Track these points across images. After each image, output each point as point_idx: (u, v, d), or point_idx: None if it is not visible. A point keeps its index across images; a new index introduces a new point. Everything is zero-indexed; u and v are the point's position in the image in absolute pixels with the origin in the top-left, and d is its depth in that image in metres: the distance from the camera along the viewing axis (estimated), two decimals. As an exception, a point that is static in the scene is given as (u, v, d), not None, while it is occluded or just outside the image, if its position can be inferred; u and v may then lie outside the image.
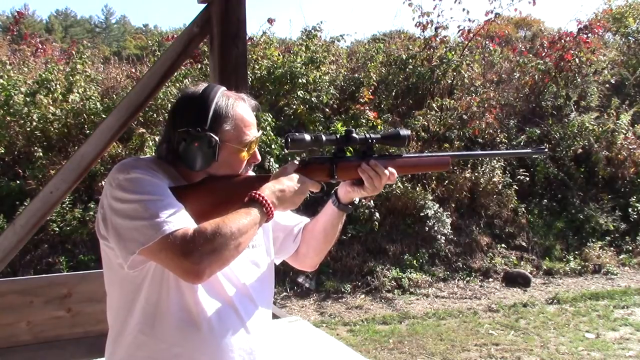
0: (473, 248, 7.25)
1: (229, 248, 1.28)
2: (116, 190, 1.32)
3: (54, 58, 8.17)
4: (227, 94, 1.45)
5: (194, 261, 1.25)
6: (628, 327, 5.34)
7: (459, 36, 9.40)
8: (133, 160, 1.42)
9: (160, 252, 1.27)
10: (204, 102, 1.40)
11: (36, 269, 5.87)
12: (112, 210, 1.32)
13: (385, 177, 1.57)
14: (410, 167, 1.68)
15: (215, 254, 1.27)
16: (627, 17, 11.28)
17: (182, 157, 1.39)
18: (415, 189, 7.16)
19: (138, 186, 1.31)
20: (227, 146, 1.41)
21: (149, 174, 1.34)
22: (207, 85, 1.46)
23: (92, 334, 2.57)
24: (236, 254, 1.32)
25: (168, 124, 1.45)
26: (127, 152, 6.77)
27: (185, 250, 1.25)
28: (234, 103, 1.44)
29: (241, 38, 2.72)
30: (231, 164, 1.44)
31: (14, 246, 2.69)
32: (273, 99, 7.77)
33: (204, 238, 1.26)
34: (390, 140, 1.63)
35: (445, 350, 4.83)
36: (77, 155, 2.76)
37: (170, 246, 1.25)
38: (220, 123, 1.40)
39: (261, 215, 1.35)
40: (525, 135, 8.59)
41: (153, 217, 1.26)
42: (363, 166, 1.57)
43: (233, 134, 1.42)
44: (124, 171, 1.34)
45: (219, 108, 1.40)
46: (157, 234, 1.25)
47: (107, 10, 46.58)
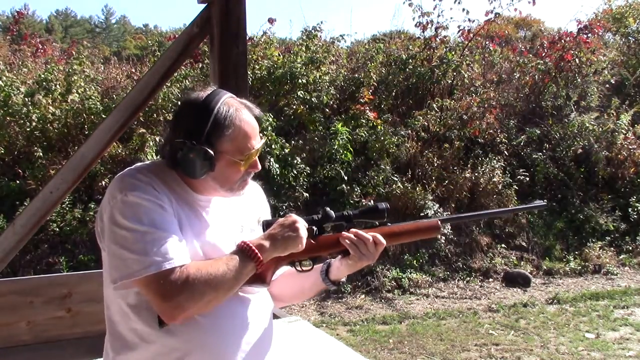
0: (473, 248, 7.25)
1: (206, 296, 1.30)
2: (114, 211, 1.33)
3: (54, 58, 8.17)
4: (230, 102, 1.41)
5: (172, 305, 1.28)
6: (628, 327, 5.34)
7: (459, 36, 9.41)
8: (134, 174, 1.39)
9: (142, 288, 1.31)
10: (204, 110, 1.37)
11: (36, 269, 5.87)
12: (109, 231, 1.34)
13: (369, 241, 1.49)
14: (398, 235, 1.59)
15: (192, 302, 1.28)
16: (627, 17, 11.27)
17: (180, 164, 1.38)
18: (415, 189, 7.16)
19: (133, 213, 1.30)
20: (225, 157, 1.39)
21: (147, 196, 1.33)
22: (212, 91, 1.42)
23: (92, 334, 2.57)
24: (215, 302, 1.33)
25: (170, 128, 1.44)
26: (127, 152, 6.77)
27: (164, 293, 1.27)
28: (236, 113, 1.40)
29: (241, 38, 2.72)
30: (228, 174, 1.42)
31: (14, 246, 2.68)
32: (273, 99, 7.78)
33: (184, 284, 1.28)
34: (369, 215, 1.55)
35: (445, 350, 4.83)
36: (77, 155, 2.75)
37: (152, 285, 1.28)
38: (219, 134, 1.37)
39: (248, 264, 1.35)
40: (525, 136, 8.59)
41: (140, 252, 1.28)
42: (343, 234, 1.51)
43: (232, 145, 1.39)
44: (123, 190, 1.33)
45: (219, 118, 1.37)
46: (140, 271, 1.27)
47: (107, 10, 46.59)
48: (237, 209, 1.54)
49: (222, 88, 1.47)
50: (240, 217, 1.54)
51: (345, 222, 1.53)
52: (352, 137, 7.48)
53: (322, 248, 1.51)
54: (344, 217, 1.53)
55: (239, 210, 1.54)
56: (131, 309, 1.39)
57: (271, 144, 6.83)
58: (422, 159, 7.75)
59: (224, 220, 1.49)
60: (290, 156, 7.00)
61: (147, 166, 1.45)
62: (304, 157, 7.19)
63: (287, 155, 6.97)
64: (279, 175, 6.80)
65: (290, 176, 6.90)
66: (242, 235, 1.51)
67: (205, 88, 1.46)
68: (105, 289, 1.46)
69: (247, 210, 1.58)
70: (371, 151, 7.54)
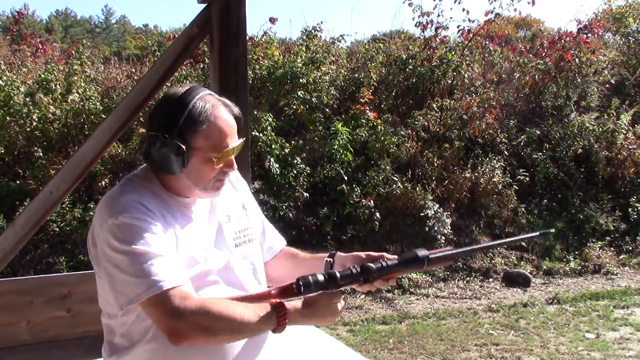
0: (473, 248, 7.24)
1: (219, 335, 1.28)
2: (107, 235, 1.31)
3: (54, 58, 8.17)
4: (207, 98, 1.40)
5: (185, 326, 1.24)
6: (628, 327, 5.34)
7: (459, 36, 9.40)
8: (120, 195, 1.37)
9: (149, 309, 1.29)
10: (179, 105, 1.36)
11: (36, 269, 5.87)
12: (104, 256, 1.32)
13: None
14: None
15: (203, 334, 1.26)
16: (627, 17, 11.27)
17: (155, 160, 1.37)
18: (415, 189, 7.16)
19: (126, 235, 1.29)
20: (198, 154, 1.37)
21: (138, 215, 1.31)
22: (190, 87, 1.41)
23: (92, 334, 2.56)
24: (223, 342, 1.32)
25: (147, 122, 1.46)
26: (127, 152, 6.77)
27: (175, 312, 1.24)
28: (212, 109, 1.38)
29: (241, 38, 2.72)
30: (201, 172, 1.40)
31: (14, 246, 2.68)
32: (273, 99, 7.78)
33: (204, 314, 1.25)
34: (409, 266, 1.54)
35: (445, 350, 4.83)
36: (77, 155, 2.75)
37: (158, 306, 1.26)
38: (193, 129, 1.36)
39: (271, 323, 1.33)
40: (525, 136, 8.59)
41: (139, 274, 1.26)
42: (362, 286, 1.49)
43: (206, 142, 1.37)
44: (113, 214, 1.32)
45: (194, 113, 1.35)
46: (143, 293, 1.26)
47: (107, 10, 46.60)
48: (221, 200, 1.53)
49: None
50: (224, 206, 1.54)
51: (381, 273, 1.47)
52: (352, 137, 7.48)
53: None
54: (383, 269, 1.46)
55: (220, 201, 1.53)
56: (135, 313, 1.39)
57: (271, 144, 6.83)
58: (422, 159, 7.75)
59: (211, 216, 1.49)
60: (290, 156, 7.00)
61: (131, 181, 1.44)
62: (304, 157, 7.19)
63: (287, 155, 6.97)
64: (279, 175, 6.80)
65: (290, 176, 6.90)
66: (230, 225, 1.51)
67: (189, 85, 1.45)
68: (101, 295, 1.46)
69: (228, 197, 1.57)
70: (371, 151, 7.54)
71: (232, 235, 1.51)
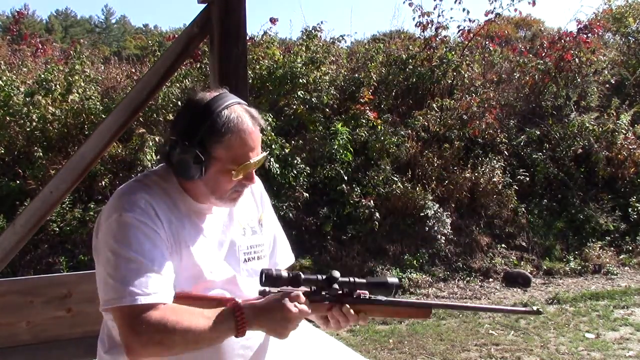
0: (473, 248, 7.25)
1: (175, 348, 1.26)
2: (108, 229, 1.31)
3: (54, 58, 8.17)
4: (234, 108, 1.35)
5: (138, 342, 1.24)
6: (628, 327, 5.34)
7: (459, 36, 9.40)
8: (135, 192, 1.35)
9: (115, 317, 1.29)
10: (204, 112, 1.32)
11: (36, 269, 5.87)
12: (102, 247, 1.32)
13: (354, 320, 1.42)
14: (386, 313, 1.53)
15: (159, 348, 1.25)
16: (627, 17, 11.26)
17: (174, 164, 1.35)
18: (415, 189, 7.16)
19: (123, 236, 1.28)
20: (218, 165, 1.34)
21: (143, 218, 1.29)
22: (218, 94, 1.37)
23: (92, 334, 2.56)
24: (178, 354, 1.29)
25: (169, 125, 1.43)
26: (127, 152, 6.77)
27: (135, 329, 1.23)
28: (237, 120, 1.33)
29: (241, 38, 2.72)
30: (219, 182, 1.36)
31: (14, 246, 2.68)
32: (273, 99, 7.78)
33: (157, 329, 1.23)
34: (375, 288, 1.43)
35: (445, 350, 4.83)
36: (77, 155, 2.75)
37: (125, 318, 1.25)
38: (215, 139, 1.32)
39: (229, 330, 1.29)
40: (525, 136, 8.59)
41: (119, 279, 1.25)
42: (334, 311, 1.41)
43: (227, 153, 1.33)
44: (119, 210, 1.31)
45: (218, 122, 1.31)
46: (115, 301, 1.25)
47: (107, 10, 46.57)
48: (239, 210, 1.50)
49: (222, 88, 1.45)
50: (242, 218, 1.51)
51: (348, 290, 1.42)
52: (352, 137, 7.48)
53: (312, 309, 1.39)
54: (349, 284, 1.40)
55: (240, 212, 1.51)
56: None
57: (271, 144, 6.83)
58: (422, 159, 7.75)
59: (225, 227, 1.46)
60: (290, 156, 7.00)
61: (148, 177, 1.42)
62: (304, 157, 7.19)
63: (287, 155, 6.97)
64: (279, 175, 6.80)
65: (290, 176, 6.90)
66: (244, 239, 1.49)
67: (215, 90, 1.40)
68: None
69: (248, 210, 1.54)
70: (371, 151, 7.54)
71: (244, 249, 1.48)
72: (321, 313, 1.43)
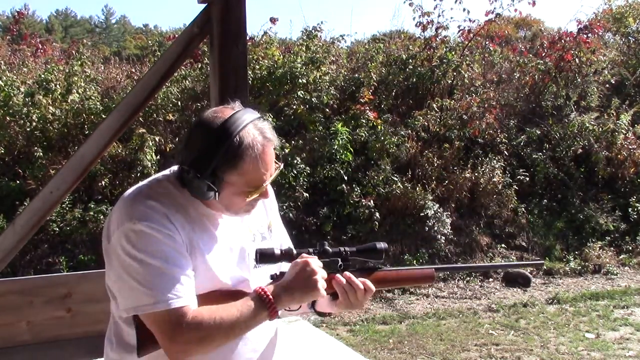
0: (473, 248, 7.25)
1: (215, 341, 1.29)
2: (123, 239, 1.30)
3: (54, 58, 8.17)
4: (247, 132, 1.31)
5: (177, 348, 1.27)
6: (628, 327, 5.34)
7: (459, 36, 9.40)
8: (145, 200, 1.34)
9: (151, 323, 1.29)
10: (217, 138, 1.29)
11: (36, 269, 5.87)
12: (116, 255, 1.32)
13: (360, 291, 1.44)
14: (390, 282, 1.56)
15: (200, 346, 1.28)
16: (627, 17, 11.26)
17: (187, 185, 1.36)
18: (415, 189, 7.16)
19: (144, 244, 1.28)
20: (232, 188, 1.34)
21: (158, 226, 1.29)
22: (232, 114, 1.33)
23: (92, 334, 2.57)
24: (222, 345, 1.32)
25: (182, 145, 1.39)
26: (127, 152, 6.77)
27: (173, 334, 1.26)
28: (253, 144, 1.31)
29: (241, 38, 2.72)
30: (233, 201, 1.37)
31: (14, 246, 2.68)
32: (273, 99, 7.78)
33: (196, 328, 1.26)
34: (366, 254, 1.50)
35: (445, 350, 4.83)
36: (77, 155, 2.75)
37: (161, 324, 1.27)
38: (229, 167, 1.31)
39: (262, 313, 1.32)
40: (525, 136, 8.59)
41: (149, 285, 1.26)
42: (336, 278, 1.44)
43: (241, 179, 1.33)
44: (132, 218, 1.30)
45: (231, 151, 1.29)
46: (150, 307, 1.26)
47: (107, 10, 46.58)
48: (248, 218, 1.51)
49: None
50: (252, 224, 1.52)
51: (341, 260, 1.47)
52: (352, 137, 7.48)
53: None
54: (341, 254, 1.47)
55: (250, 219, 1.51)
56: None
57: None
58: (422, 159, 7.75)
59: (236, 233, 1.47)
60: (290, 156, 7.00)
61: (160, 183, 1.41)
62: (304, 157, 7.19)
63: (287, 155, 6.98)
64: (279, 175, 6.78)
65: (290, 176, 6.90)
66: (254, 245, 1.49)
67: (227, 105, 1.37)
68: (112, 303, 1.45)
69: (258, 217, 1.55)
70: (371, 151, 7.54)
71: (254, 255, 1.48)
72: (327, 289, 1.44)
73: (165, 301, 1.25)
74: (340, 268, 1.46)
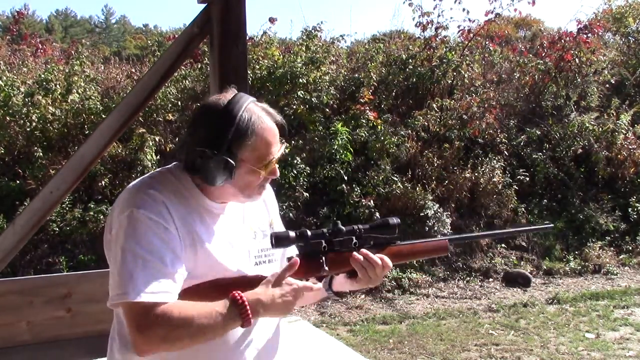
0: (473, 248, 7.25)
1: (182, 343, 1.28)
2: (121, 224, 1.32)
3: (54, 58, 8.17)
4: (252, 109, 1.38)
5: (143, 340, 1.26)
6: (628, 327, 5.34)
7: (459, 36, 9.40)
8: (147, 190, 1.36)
9: (122, 313, 1.31)
10: (225, 118, 1.34)
11: (36, 269, 5.87)
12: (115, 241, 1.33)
13: (379, 266, 1.45)
14: (406, 255, 1.57)
15: (167, 343, 1.27)
16: (627, 17, 11.26)
17: (199, 171, 1.36)
18: (415, 189, 7.16)
19: (134, 232, 1.29)
20: (245, 166, 1.37)
21: (155, 216, 1.30)
22: (233, 96, 1.39)
23: (92, 334, 2.57)
24: (186, 347, 1.30)
25: (187, 133, 1.41)
26: (127, 152, 6.77)
27: (140, 325, 1.25)
28: (258, 121, 1.37)
29: (241, 38, 2.72)
30: (247, 181, 1.40)
31: (14, 246, 2.68)
32: (273, 99, 7.78)
33: (165, 324, 1.25)
34: (379, 230, 1.50)
35: (445, 350, 4.83)
36: (77, 155, 2.75)
37: (130, 314, 1.27)
38: (240, 143, 1.35)
39: (235, 320, 1.30)
40: (525, 136, 8.59)
41: (126, 276, 1.26)
42: (354, 256, 1.45)
43: (253, 154, 1.37)
44: (132, 206, 1.32)
45: (241, 127, 1.34)
46: (119, 297, 1.27)
47: (107, 10, 46.57)
48: (250, 215, 1.52)
49: (222, 88, 1.46)
50: (253, 222, 1.53)
51: (356, 238, 1.48)
52: (352, 137, 7.48)
53: (331, 267, 1.46)
54: (355, 232, 1.47)
55: (251, 216, 1.52)
56: None
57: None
58: (422, 159, 7.75)
59: (236, 229, 1.47)
60: (290, 156, 7.00)
61: (163, 175, 1.43)
62: (304, 157, 7.19)
63: (287, 155, 6.97)
64: (279, 175, 6.80)
65: (290, 176, 6.90)
66: (254, 243, 1.50)
67: (225, 91, 1.42)
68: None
69: (259, 215, 1.56)
70: (371, 151, 7.54)
71: (255, 252, 1.50)
72: (345, 269, 1.47)
73: (136, 293, 1.25)
74: (355, 246, 1.47)
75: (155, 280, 1.27)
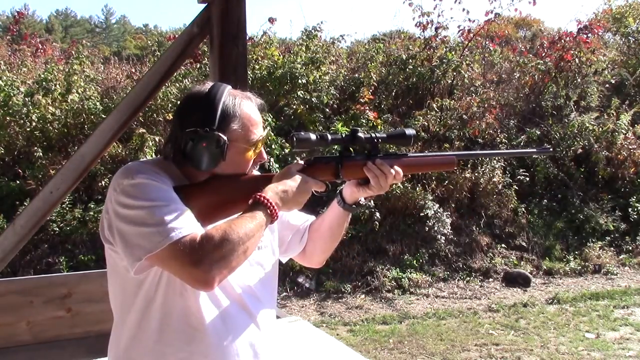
0: (473, 248, 7.25)
1: (237, 254, 1.28)
2: (121, 196, 1.30)
3: (54, 58, 8.17)
4: (234, 92, 1.45)
5: (204, 269, 1.23)
6: (628, 327, 5.34)
7: (459, 36, 9.40)
8: (137, 164, 1.41)
9: (169, 260, 1.26)
10: (211, 101, 1.39)
11: (36, 269, 5.87)
12: (117, 216, 1.30)
13: (391, 175, 1.53)
14: (416, 166, 1.66)
15: (224, 261, 1.26)
16: (627, 17, 11.27)
17: (189, 157, 1.37)
18: (415, 189, 7.16)
19: (143, 192, 1.29)
20: (235, 145, 1.40)
21: (154, 178, 1.32)
22: (213, 84, 1.45)
23: (92, 334, 2.57)
24: (244, 258, 1.31)
25: (174, 124, 1.43)
26: (127, 152, 6.77)
27: (194, 258, 1.23)
28: (241, 102, 1.44)
29: (241, 38, 2.72)
30: (238, 163, 1.44)
31: (14, 246, 2.68)
32: (273, 99, 7.78)
33: (213, 245, 1.25)
34: (395, 140, 1.59)
35: (445, 350, 4.83)
36: (77, 155, 2.75)
37: (179, 254, 1.24)
38: (228, 122, 1.39)
39: (266, 218, 1.35)
40: (525, 136, 8.59)
41: (159, 223, 1.25)
42: (369, 165, 1.52)
43: (240, 133, 1.41)
44: (128, 176, 1.32)
45: (227, 107, 1.40)
46: (164, 240, 1.24)
47: (107, 10, 46.58)
48: None
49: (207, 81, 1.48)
50: None
51: (372, 146, 1.54)
52: (352, 137, 7.47)
53: (346, 174, 1.53)
54: (372, 140, 1.54)
55: None
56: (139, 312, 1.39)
57: (271, 144, 6.83)
58: (422, 158, 7.74)
59: None
60: (290, 156, 7.00)
61: (149, 160, 1.46)
62: (304, 157, 7.19)
63: (287, 155, 6.97)
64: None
65: (290, 176, 6.88)
66: None
67: (203, 84, 1.47)
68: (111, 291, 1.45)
69: None
70: (371, 151, 7.52)
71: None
72: (358, 175, 1.53)
73: (175, 231, 1.24)
74: (370, 155, 1.54)
75: (183, 216, 1.28)
